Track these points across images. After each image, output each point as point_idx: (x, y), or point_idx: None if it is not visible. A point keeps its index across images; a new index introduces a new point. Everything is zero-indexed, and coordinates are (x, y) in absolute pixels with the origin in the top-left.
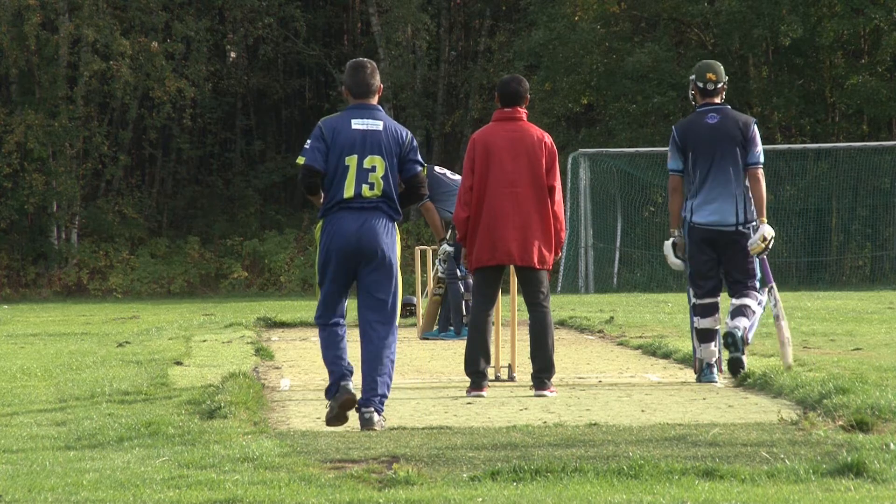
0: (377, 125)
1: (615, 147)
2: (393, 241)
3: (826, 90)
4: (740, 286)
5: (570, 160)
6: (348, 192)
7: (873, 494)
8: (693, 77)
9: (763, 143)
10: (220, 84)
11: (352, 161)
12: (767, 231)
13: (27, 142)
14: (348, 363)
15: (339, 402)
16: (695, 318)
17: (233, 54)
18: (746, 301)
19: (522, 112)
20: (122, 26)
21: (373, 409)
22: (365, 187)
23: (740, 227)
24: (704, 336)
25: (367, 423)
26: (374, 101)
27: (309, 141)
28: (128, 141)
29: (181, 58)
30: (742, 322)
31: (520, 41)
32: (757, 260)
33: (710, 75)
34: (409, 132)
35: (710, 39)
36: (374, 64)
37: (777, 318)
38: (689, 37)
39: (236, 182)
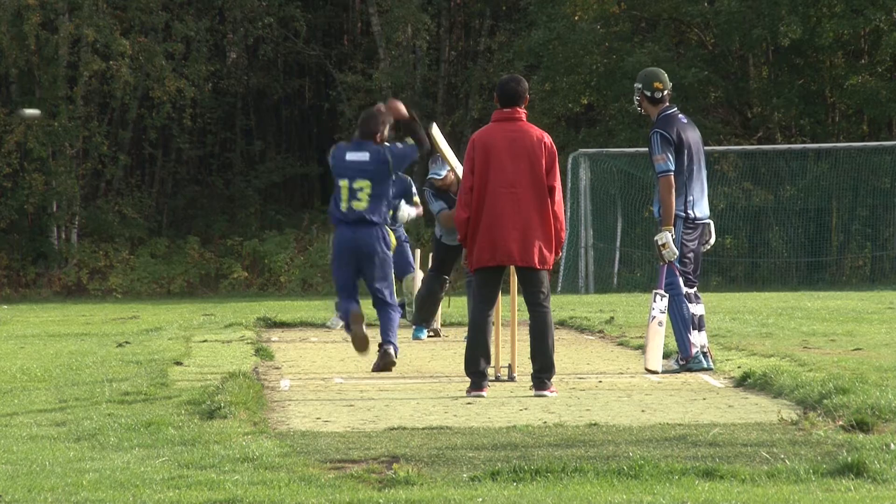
0: (364, 156)
1: (615, 147)
2: (383, 242)
3: (826, 90)
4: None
5: (570, 160)
6: (343, 206)
7: (873, 494)
8: (639, 85)
9: (763, 143)
10: (220, 84)
11: (343, 183)
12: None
13: (27, 142)
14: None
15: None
16: (689, 306)
17: (233, 54)
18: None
19: (522, 112)
20: (122, 26)
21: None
22: (354, 202)
23: None
24: (701, 322)
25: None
26: (373, 140)
27: None
28: (128, 141)
29: (181, 58)
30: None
31: (520, 41)
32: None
33: (657, 84)
34: (388, 149)
35: (710, 39)
36: (379, 114)
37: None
38: (689, 37)
39: (236, 182)
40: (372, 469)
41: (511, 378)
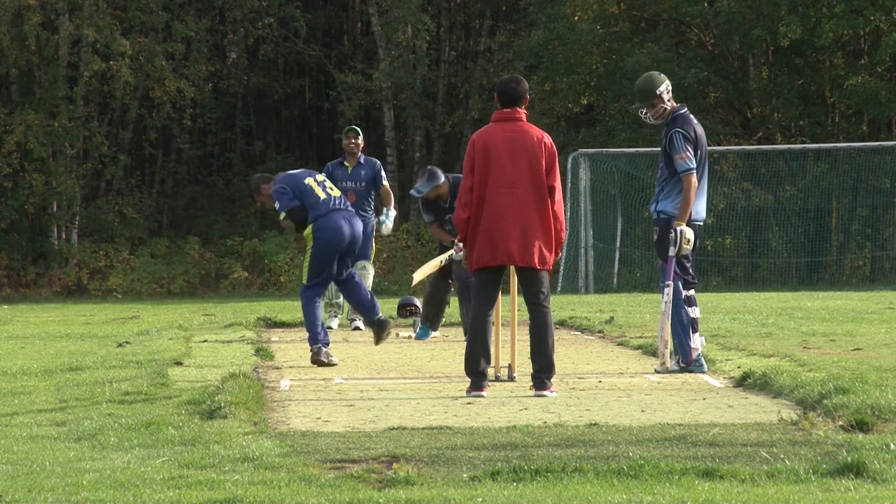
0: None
1: (615, 147)
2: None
3: (825, 90)
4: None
5: (570, 160)
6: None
7: (873, 494)
8: (666, 85)
9: (763, 144)
10: (220, 84)
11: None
12: None
13: (27, 142)
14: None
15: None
16: (689, 309)
17: (233, 54)
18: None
19: (522, 112)
20: (122, 26)
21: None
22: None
23: None
24: (697, 325)
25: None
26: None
27: None
28: (128, 141)
29: (181, 58)
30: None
31: (519, 41)
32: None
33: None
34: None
35: (709, 40)
36: None
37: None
38: (688, 37)
39: (236, 182)
40: (372, 469)
41: (511, 378)
